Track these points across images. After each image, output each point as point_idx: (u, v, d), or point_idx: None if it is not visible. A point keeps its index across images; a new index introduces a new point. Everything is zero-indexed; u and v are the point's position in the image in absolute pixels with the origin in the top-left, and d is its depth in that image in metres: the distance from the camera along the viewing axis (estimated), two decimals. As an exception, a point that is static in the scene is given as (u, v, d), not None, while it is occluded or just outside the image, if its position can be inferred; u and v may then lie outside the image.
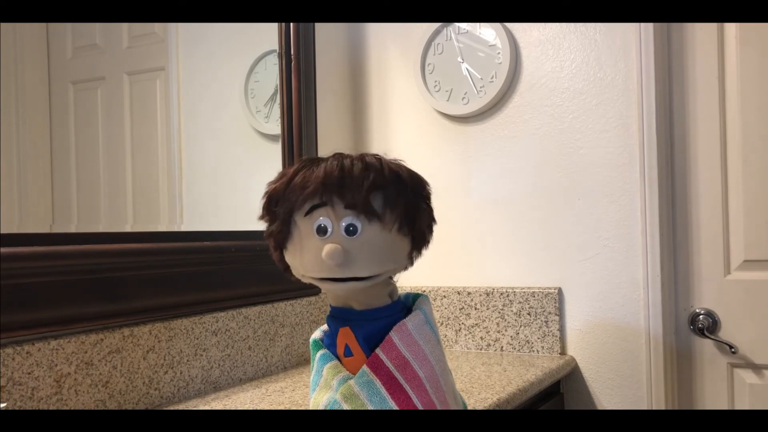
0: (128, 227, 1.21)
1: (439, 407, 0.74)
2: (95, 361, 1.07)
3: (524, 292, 1.59)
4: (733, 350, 1.45)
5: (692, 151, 1.51)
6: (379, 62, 1.81)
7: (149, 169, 1.26)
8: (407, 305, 0.82)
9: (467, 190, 1.69)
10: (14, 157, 1.02)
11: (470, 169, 1.69)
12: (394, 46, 1.78)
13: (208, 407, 1.17)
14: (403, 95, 1.77)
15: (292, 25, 1.55)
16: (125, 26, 1.22)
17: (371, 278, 0.72)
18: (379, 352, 0.74)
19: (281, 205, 0.73)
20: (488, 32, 1.63)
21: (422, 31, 1.71)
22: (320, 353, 0.80)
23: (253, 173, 1.48)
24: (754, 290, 1.45)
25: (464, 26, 1.66)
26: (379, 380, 0.73)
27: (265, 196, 0.76)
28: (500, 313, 1.62)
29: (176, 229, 1.30)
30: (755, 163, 1.46)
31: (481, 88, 1.64)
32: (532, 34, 1.61)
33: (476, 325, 1.65)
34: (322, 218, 0.71)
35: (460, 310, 1.67)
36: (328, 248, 0.69)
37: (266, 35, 1.54)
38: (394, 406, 0.72)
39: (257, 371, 1.40)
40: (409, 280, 1.73)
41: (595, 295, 1.54)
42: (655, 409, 1.47)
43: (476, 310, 1.65)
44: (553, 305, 1.56)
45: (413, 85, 1.75)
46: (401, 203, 0.72)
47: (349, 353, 0.77)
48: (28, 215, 1.04)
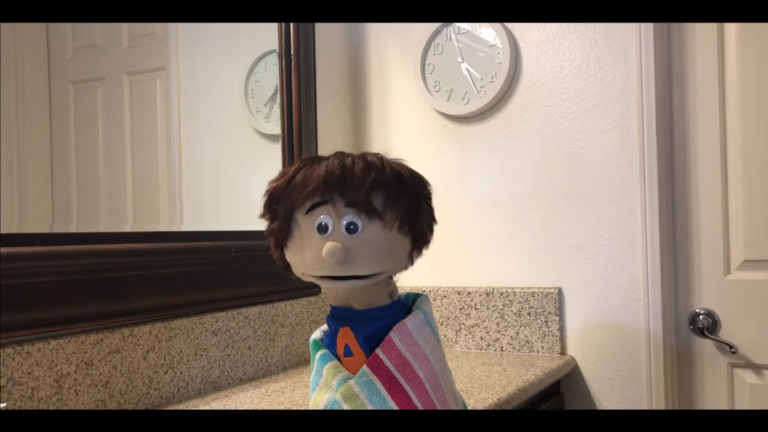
0: (128, 227, 1.21)
1: (439, 407, 0.74)
2: (95, 361, 1.07)
3: (524, 292, 1.59)
4: (733, 350, 1.45)
5: (692, 151, 1.51)
6: (379, 62, 1.81)
7: (149, 169, 1.26)
8: (407, 305, 0.82)
9: (467, 190, 1.69)
10: (14, 157, 1.02)
11: (470, 169, 1.69)
12: (394, 46, 1.78)
13: (208, 407, 1.17)
14: (403, 95, 1.77)
15: (292, 25, 1.55)
16: (125, 26, 1.22)
17: (372, 276, 0.72)
18: (378, 352, 0.74)
19: (282, 203, 0.73)
20: (488, 32, 1.63)
21: (422, 31, 1.71)
22: (320, 353, 0.80)
23: (253, 173, 1.48)
24: (754, 290, 1.45)
25: (464, 26, 1.66)
26: (379, 380, 0.73)
27: (266, 194, 0.76)
28: (500, 313, 1.62)
29: (176, 229, 1.30)
30: (755, 163, 1.46)
31: (481, 88, 1.64)
32: (532, 34, 1.61)
33: (476, 325, 1.65)
34: (323, 216, 0.71)
35: (460, 310, 1.67)
36: (328, 246, 0.69)
37: (266, 35, 1.54)
38: (394, 406, 0.72)
39: (257, 371, 1.40)
40: (409, 280, 1.73)
41: (595, 295, 1.54)
42: (655, 409, 1.47)
43: (476, 310, 1.65)
44: (553, 305, 1.56)
45: (413, 85, 1.75)
46: (402, 202, 0.72)
47: (349, 353, 0.77)
48: (28, 215, 1.04)
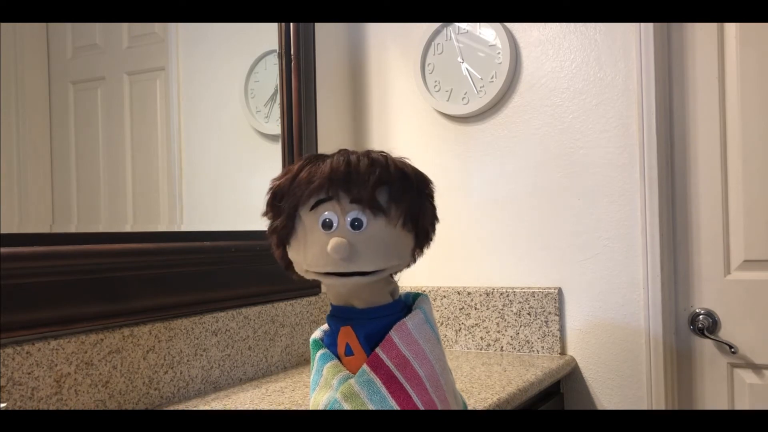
0: (128, 227, 1.21)
1: (439, 406, 0.74)
2: (95, 361, 1.07)
3: (524, 292, 1.59)
4: (733, 350, 1.45)
5: (692, 151, 1.51)
6: (379, 62, 1.81)
7: (149, 169, 1.26)
8: (407, 304, 0.82)
9: (467, 190, 1.69)
10: (14, 157, 1.02)
11: (470, 169, 1.69)
12: (394, 46, 1.78)
13: (208, 407, 1.17)
14: (403, 95, 1.77)
15: (292, 25, 1.55)
16: (125, 26, 1.22)
17: (375, 273, 0.72)
18: (379, 351, 0.74)
19: (286, 200, 0.73)
20: (488, 32, 1.63)
21: (422, 31, 1.71)
22: (320, 353, 0.80)
23: (253, 173, 1.48)
24: (754, 290, 1.45)
25: (464, 26, 1.66)
26: (379, 379, 0.73)
27: (269, 191, 0.76)
28: (500, 313, 1.62)
29: (176, 229, 1.30)
30: (755, 163, 1.46)
31: (481, 88, 1.64)
32: (532, 34, 1.61)
33: (476, 325, 1.65)
34: (327, 212, 0.71)
35: (460, 310, 1.67)
36: (333, 242, 0.69)
37: (266, 35, 1.54)
38: (394, 405, 0.72)
39: (257, 371, 1.40)
40: (409, 280, 1.73)
41: (595, 295, 1.54)
42: (655, 409, 1.47)
43: (476, 310, 1.65)
44: (553, 305, 1.56)
45: (413, 85, 1.75)
46: (406, 199, 0.73)
47: (349, 352, 0.76)
48: (28, 215, 1.04)
